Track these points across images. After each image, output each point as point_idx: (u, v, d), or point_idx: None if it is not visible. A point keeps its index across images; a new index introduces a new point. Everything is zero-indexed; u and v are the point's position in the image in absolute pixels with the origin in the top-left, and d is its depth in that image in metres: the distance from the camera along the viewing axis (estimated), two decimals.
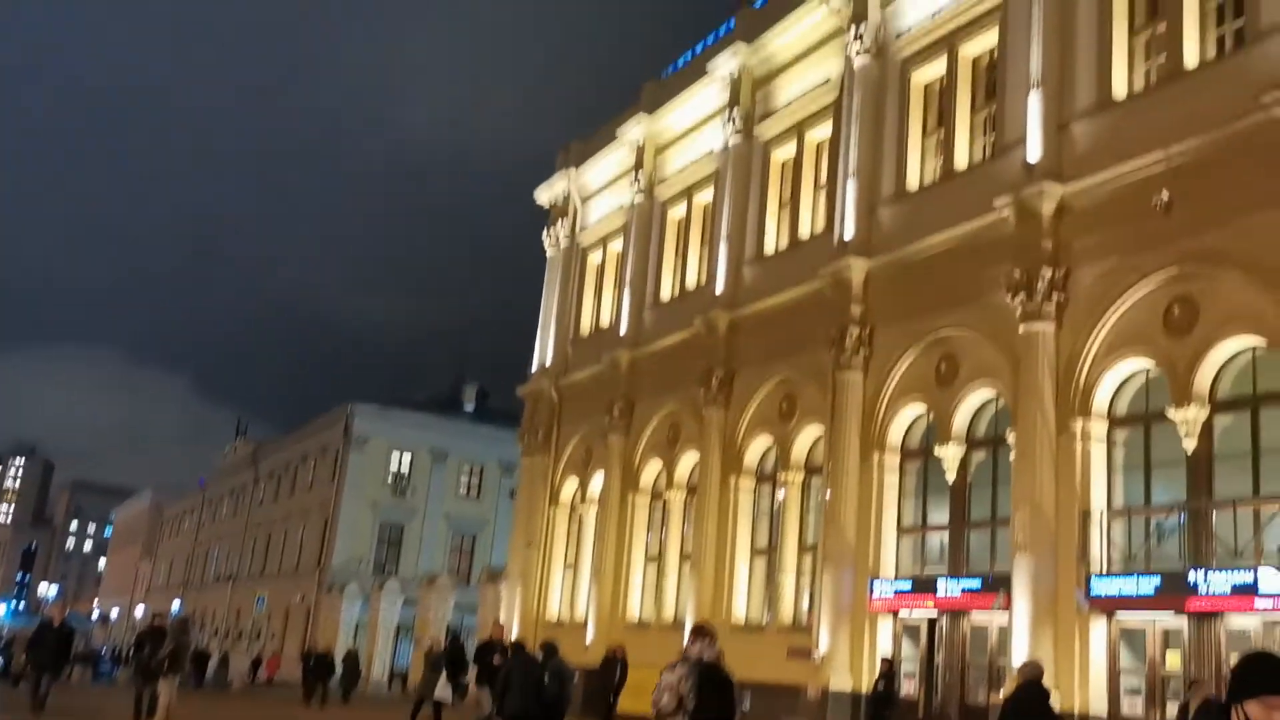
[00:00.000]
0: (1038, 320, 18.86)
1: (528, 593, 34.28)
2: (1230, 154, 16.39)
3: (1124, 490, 18.07)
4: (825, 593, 22.13)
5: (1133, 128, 18.08)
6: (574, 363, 35.21)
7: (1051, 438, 18.36)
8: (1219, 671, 15.73)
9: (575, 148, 37.20)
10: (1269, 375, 16.06)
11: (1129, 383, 18.22)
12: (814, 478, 24.58)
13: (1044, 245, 19.01)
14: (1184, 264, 17.00)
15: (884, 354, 22.54)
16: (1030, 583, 17.87)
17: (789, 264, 25.84)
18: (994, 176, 20.43)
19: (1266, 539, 15.78)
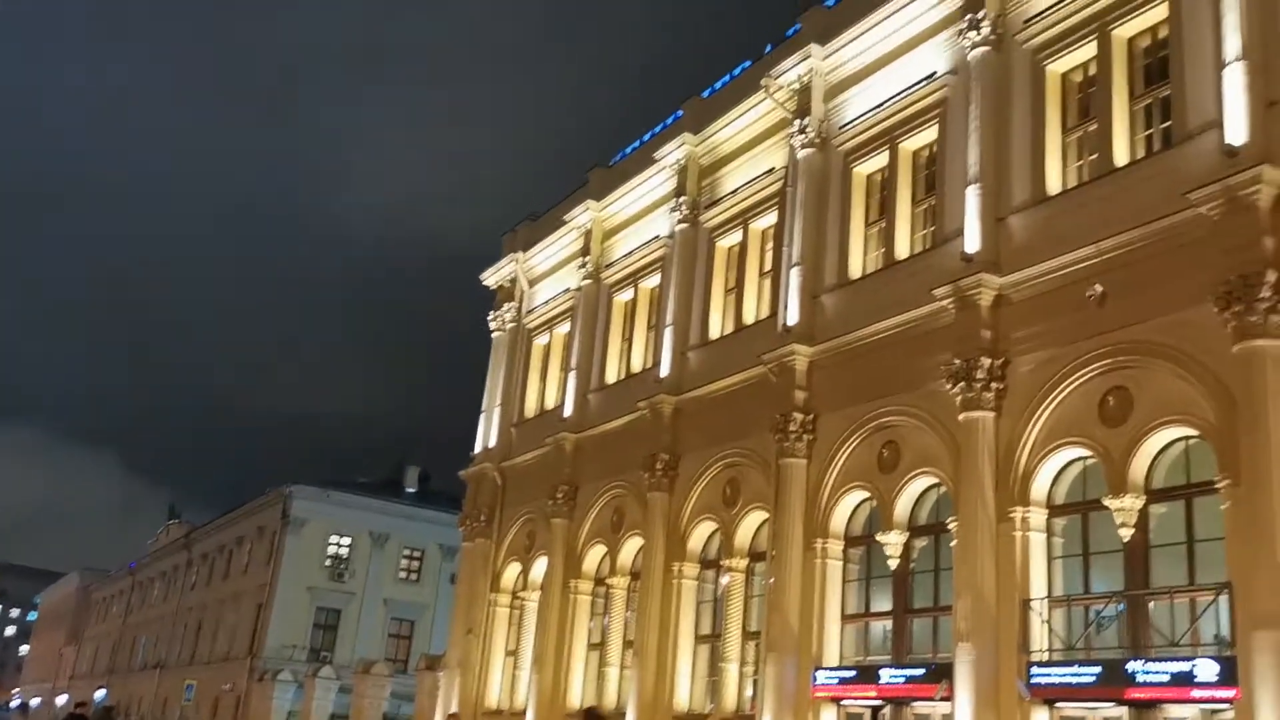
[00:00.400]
0: (977, 409, 19.13)
1: (467, 681, 33.54)
2: (1159, 249, 16.92)
3: (1064, 578, 18.20)
4: (768, 681, 21.90)
5: (1067, 222, 18.62)
6: (518, 446, 35.00)
7: (992, 525, 18.50)
8: None
9: (523, 232, 37.45)
10: (1201, 465, 16.36)
11: (1067, 471, 18.47)
12: (758, 564, 24.48)
13: (983, 335, 19.37)
14: (1118, 355, 17.39)
15: (827, 440, 22.68)
16: (972, 671, 17.84)
17: (733, 350, 26.05)
18: (934, 267, 20.86)
19: (1202, 628, 15.92)
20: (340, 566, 58.24)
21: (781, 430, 23.17)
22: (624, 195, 31.98)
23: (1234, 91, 16.25)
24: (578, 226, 33.70)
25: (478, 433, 37.12)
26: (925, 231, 22.37)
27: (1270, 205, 15.51)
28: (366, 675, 41.24)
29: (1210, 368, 15.94)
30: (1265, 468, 14.64)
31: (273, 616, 55.73)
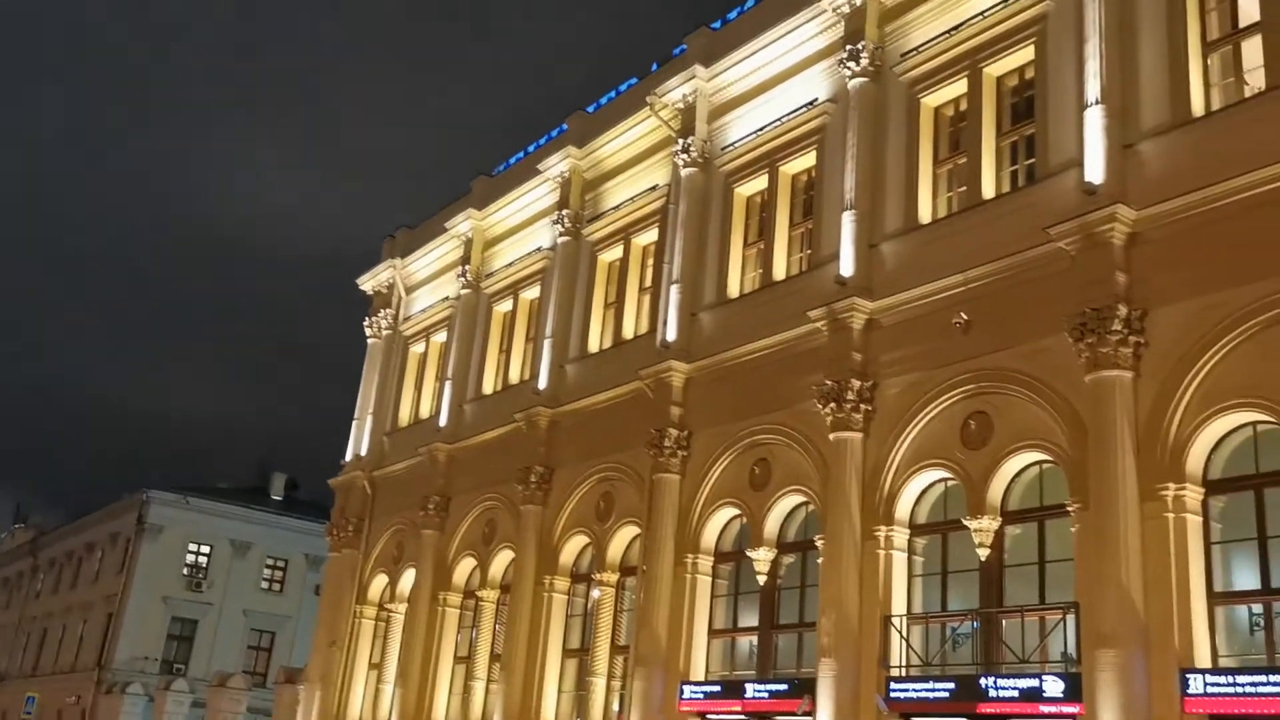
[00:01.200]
0: (846, 429, 19.58)
1: (328, 695, 32.73)
2: (1021, 280, 17.62)
3: (923, 597, 18.73)
4: (635, 695, 21.96)
5: (936, 251, 19.24)
6: (390, 455, 34.41)
7: (857, 544, 18.94)
8: None
9: (402, 238, 36.94)
10: (1053, 489, 17.06)
11: (929, 492, 19.04)
12: (629, 579, 24.55)
13: (854, 358, 19.86)
14: (980, 381, 18.02)
15: (701, 457, 22.92)
16: (834, 686, 18.21)
17: (611, 364, 26.13)
18: (809, 290, 21.31)
19: (1051, 645, 16.58)
20: (198, 575, 56.25)
21: (656, 446, 23.32)
22: (506, 205, 31.83)
23: (1093, 133, 17.06)
24: (458, 235, 33.40)
25: (349, 441, 36.38)
26: (802, 254, 22.84)
27: (1124, 243, 16.31)
28: (222, 688, 39.91)
29: (1065, 395, 16.66)
30: (1112, 493, 15.35)
31: (124, 626, 53.48)
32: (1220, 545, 15.12)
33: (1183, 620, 14.62)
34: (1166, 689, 14.40)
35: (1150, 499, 15.20)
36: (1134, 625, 14.77)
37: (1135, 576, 14.94)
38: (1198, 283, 15.42)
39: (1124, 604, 14.85)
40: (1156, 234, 16.10)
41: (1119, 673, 14.63)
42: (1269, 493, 14.70)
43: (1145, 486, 15.28)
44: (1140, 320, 15.93)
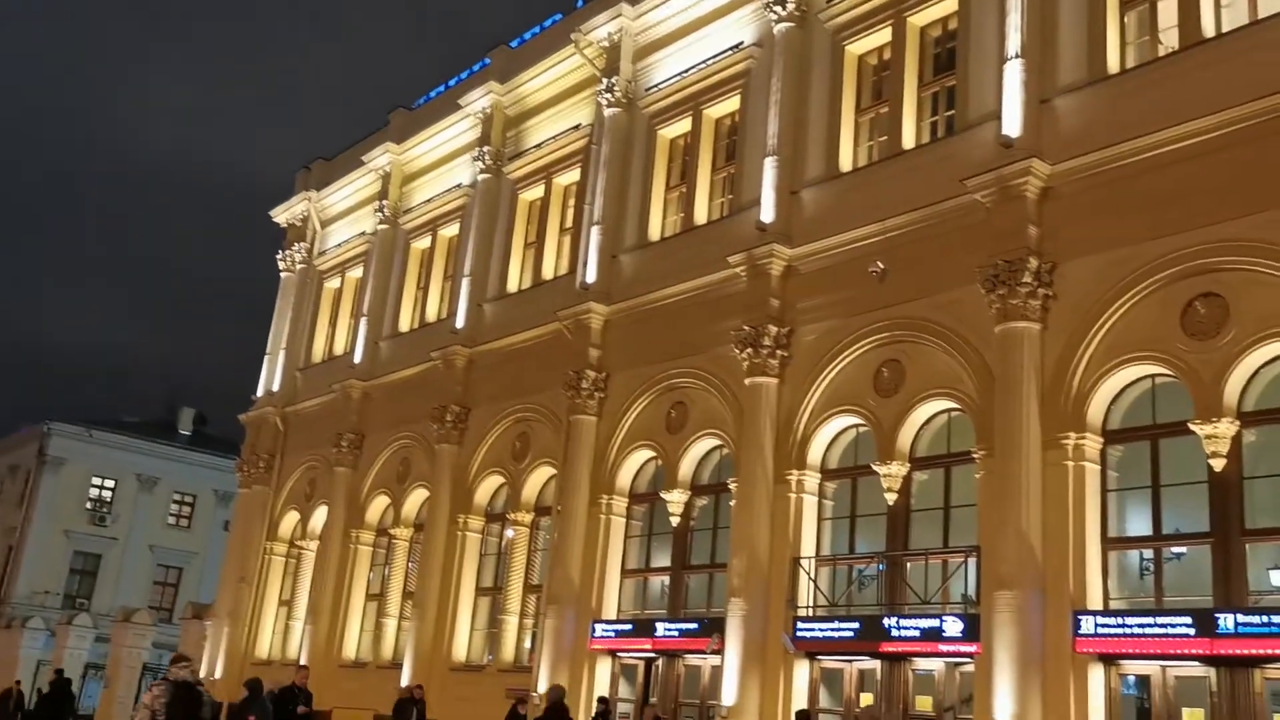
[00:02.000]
0: (762, 374, 19.78)
1: (236, 631, 32.45)
2: (937, 231, 17.87)
3: (831, 539, 19.15)
4: (547, 633, 22.16)
5: (855, 200, 19.40)
6: (303, 391, 33.92)
7: (769, 487, 19.24)
8: (906, 710, 16.91)
9: (317, 170, 36.10)
10: (961, 436, 17.49)
11: (841, 438, 19.38)
12: (544, 518, 24.66)
13: (771, 303, 20.01)
14: (894, 330, 18.31)
15: (618, 399, 23.00)
16: (742, 626, 18.58)
17: (530, 304, 25.98)
18: (730, 235, 21.37)
19: (953, 588, 17.10)
20: (102, 510, 55.09)
21: (574, 387, 23.33)
22: (425, 140, 31.26)
23: (1012, 87, 17.27)
24: (376, 169, 32.75)
25: (260, 376, 35.76)
26: (724, 199, 22.86)
27: (1037, 196, 16.62)
28: (127, 624, 39.24)
29: (975, 345, 17.02)
30: (1016, 441, 15.79)
31: (24, 560, 52.30)
32: (1116, 493, 15.68)
33: (1078, 564, 15.17)
34: (1060, 629, 14.96)
35: (1052, 447, 15.67)
36: (1032, 568, 15.28)
37: (1035, 522, 15.43)
38: (1105, 238, 15.80)
39: (1023, 548, 15.35)
40: (1069, 189, 16.43)
41: (1016, 614, 15.15)
42: (1164, 443, 15.26)
43: (1048, 435, 15.74)
44: (1050, 273, 16.29)
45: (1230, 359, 14.32)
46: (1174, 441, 15.06)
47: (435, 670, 24.86)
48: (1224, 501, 14.28)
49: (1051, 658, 14.94)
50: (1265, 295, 14.09)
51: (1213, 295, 14.66)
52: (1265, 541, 14.57)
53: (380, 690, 24.92)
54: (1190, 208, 14.89)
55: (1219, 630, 13.57)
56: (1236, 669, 13.66)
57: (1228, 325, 14.43)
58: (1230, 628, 13.51)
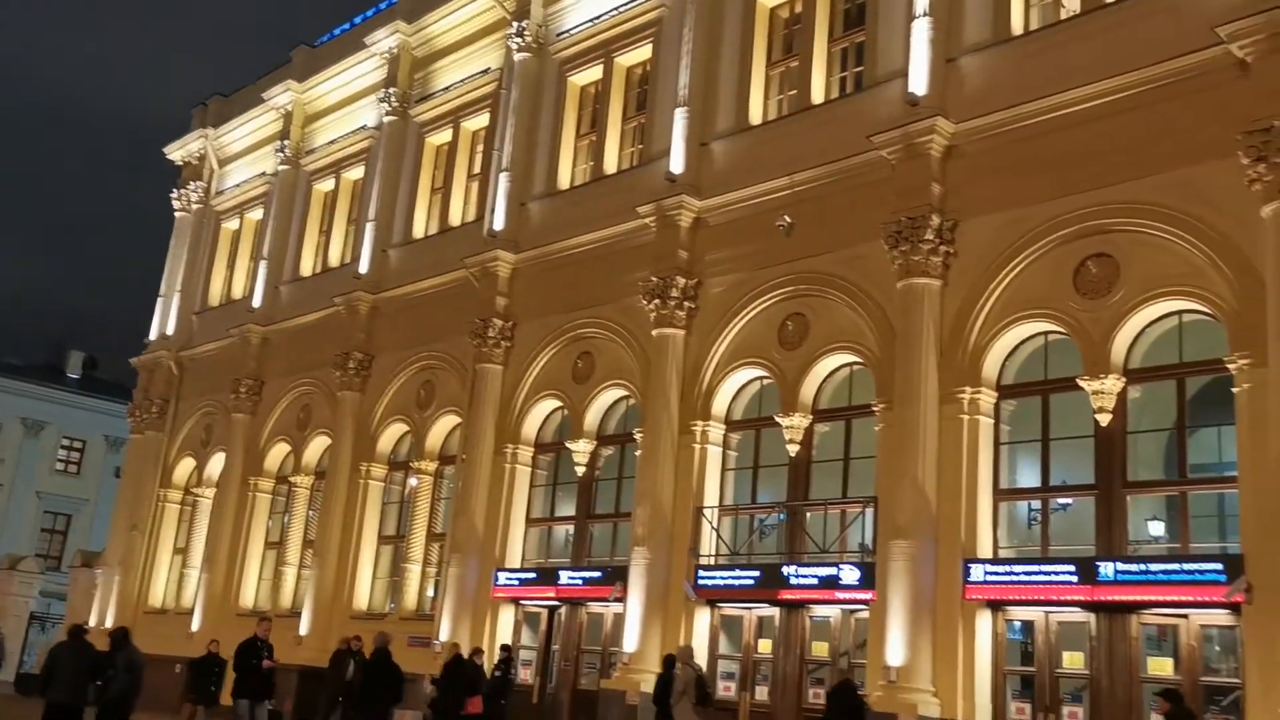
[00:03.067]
0: (669, 326, 19.87)
1: (128, 579, 31.72)
2: (844, 186, 18.07)
3: (734, 489, 19.44)
4: (450, 581, 22.14)
5: (764, 153, 19.49)
6: (199, 335, 33.04)
7: (674, 438, 19.41)
8: (803, 656, 17.35)
9: (215, 107, 34.91)
10: (862, 390, 17.84)
11: (745, 389, 19.61)
12: (448, 467, 24.53)
13: (680, 255, 20.06)
14: (799, 284, 18.52)
15: (525, 348, 22.90)
16: (645, 574, 18.80)
17: (436, 251, 25.62)
18: (639, 185, 21.31)
19: (850, 537, 17.53)
20: None
21: (480, 335, 23.16)
22: (329, 79, 30.43)
23: (919, 45, 17.45)
24: (277, 107, 31.80)
25: (154, 319, 34.70)
26: (634, 149, 22.76)
27: (941, 155, 16.89)
28: (12, 571, 38.17)
29: (878, 301, 17.33)
30: (914, 395, 16.17)
31: None
32: (1008, 446, 16.19)
33: (970, 514, 15.67)
34: (951, 577, 15.47)
35: (949, 401, 16.09)
36: (926, 518, 15.74)
37: (930, 473, 15.87)
38: (1005, 197, 16.15)
39: (918, 499, 15.78)
40: (971, 148, 16.73)
41: (910, 562, 15.61)
42: (1054, 398, 15.78)
43: (945, 390, 16.15)
44: (951, 231, 16.62)
45: (1119, 317, 14.82)
46: (1063, 397, 15.58)
47: (336, 618, 24.67)
48: (1108, 455, 14.85)
49: (942, 604, 15.45)
50: (1153, 256, 14.60)
51: (1104, 255, 15.12)
52: (1145, 494, 15.24)
53: (281, 639, 24.57)
54: (1086, 170, 15.29)
55: (1100, 578, 14.18)
56: (1115, 614, 14.31)
57: (1117, 285, 14.93)
58: (1110, 575, 14.12)
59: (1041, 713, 14.64)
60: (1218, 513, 15.15)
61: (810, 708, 17.10)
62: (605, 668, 19.88)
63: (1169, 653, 14.19)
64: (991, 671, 15.19)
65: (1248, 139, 13.42)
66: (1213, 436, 15.16)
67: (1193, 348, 14.57)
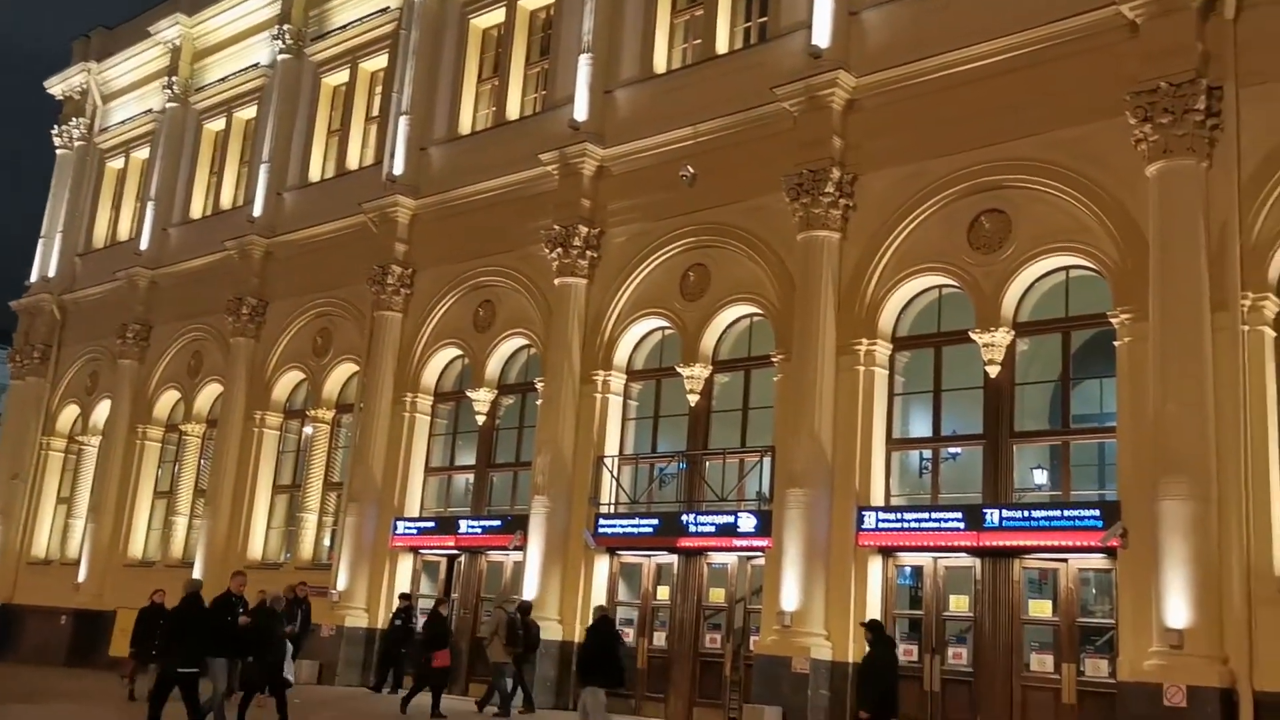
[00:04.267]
0: (572, 275, 19.78)
1: (9, 529, 30.65)
2: (747, 138, 18.11)
3: (635, 439, 19.55)
4: (347, 531, 21.92)
5: (668, 103, 19.40)
6: (83, 278, 31.80)
7: (575, 387, 19.41)
8: (700, 603, 17.63)
9: (98, 39, 33.35)
10: (761, 341, 18.04)
11: (647, 339, 19.67)
12: (345, 416, 24.16)
13: (583, 204, 19.94)
14: (701, 235, 18.57)
15: (425, 295, 22.59)
16: (545, 523, 18.86)
17: (334, 195, 25.00)
18: (542, 132, 21.05)
19: (748, 485, 17.80)
20: None
21: (379, 282, 22.77)
22: (220, 14, 29.30)
23: None
24: (164, 41, 30.56)
25: (35, 260, 33.26)
26: (537, 94, 22.44)
27: (843, 108, 17.02)
28: None
29: (778, 253, 17.48)
30: (813, 346, 16.40)
31: None
32: (902, 396, 16.58)
33: (864, 463, 16.03)
34: (845, 524, 15.83)
35: (845, 353, 16.36)
36: (822, 467, 16.05)
37: (826, 423, 16.16)
38: (903, 152, 16.37)
39: (815, 448, 16.07)
40: (871, 102, 16.89)
41: (805, 510, 15.93)
42: (947, 350, 16.17)
43: (842, 341, 16.42)
44: (851, 184, 16.81)
45: (1010, 272, 15.21)
46: (955, 349, 15.98)
47: (229, 568, 24.17)
48: (997, 406, 15.31)
49: (836, 551, 15.82)
50: (1044, 213, 14.98)
51: (998, 211, 15.48)
52: (1030, 443, 15.79)
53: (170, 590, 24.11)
54: (981, 127, 15.56)
55: (986, 524, 14.67)
56: (999, 559, 14.83)
57: (1009, 240, 15.30)
58: (996, 522, 14.61)
59: (928, 654, 15.15)
60: (1098, 461, 15.77)
61: (706, 652, 17.43)
62: None
63: (1049, 595, 14.79)
64: (881, 615, 15.60)
65: (1135, 99, 13.81)
66: (1095, 388, 15.76)
67: (1079, 302, 15.05)
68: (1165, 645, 12.46)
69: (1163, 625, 12.53)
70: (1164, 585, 12.58)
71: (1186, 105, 13.44)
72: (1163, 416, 12.99)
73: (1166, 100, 13.54)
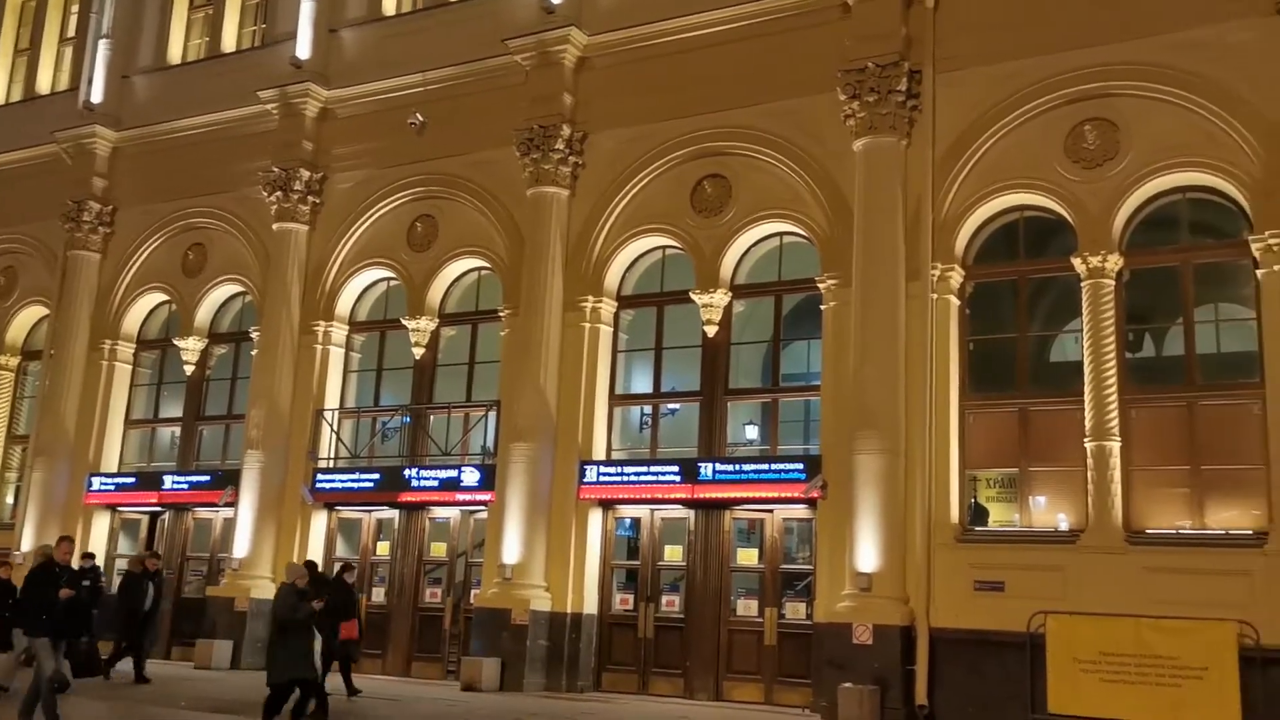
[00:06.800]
0: (292, 220, 18.96)
1: None
2: (479, 89, 17.85)
3: (357, 392, 19.05)
4: (34, 487, 20.22)
5: (398, 46, 18.82)
6: None
7: (294, 337, 18.68)
8: (420, 557, 17.51)
9: None
10: (489, 295, 17.94)
11: (371, 290, 19.15)
12: (32, 363, 22.21)
13: (304, 146, 19.11)
14: (430, 185, 18.21)
15: (127, 235, 21.03)
16: (259, 478, 18.11)
17: (21, 120, 22.74)
18: (261, 68, 19.94)
19: (473, 440, 17.74)
20: None
21: (74, 219, 21.01)
22: None
23: None
24: None
25: None
26: (256, 27, 21.21)
27: (574, 65, 17.08)
28: None
29: (507, 207, 17.39)
30: (540, 302, 16.47)
31: None
32: (625, 353, 16.96)
33: (587, 418, 16.31)
34: (567, 478, 16.07)
35: (572, 309, 16.54)
36: (546, 422, 16.20)
37: (552, 378, 16.32)
38: (632, 113, 16.60)
39: (540, 403, 16.21)
40: (603, 61, 17.03)
41: (529, 464, 16.06)
42: (668, 309, 16.66)
43: (569, 298, 16.58)
44: (581, 142, 16.93)
45: (729, 236, 15.80)
46: (677, 308, 16.50)
47: None
48: (713, 364, 15.95)
49: (558, 504, 16.06)
50: (762, 180, 15.64)
51: (719, 176, 16.02)
52: (743, 400, 16.55)
53: None
54: (705, 93, 16.01)
55: (700, 477, 15.31)
56: (712, 511, 15.53)
57: (730, 205, 15.89)
58: (709, 475, 15.27)
59: (643, 602, 15.70)
60: (804, 418, 16.77)
61: (426, 607, 17.33)
62: (214, 574, 19.03)
63: (755, 544, 15.63)
64: (600, 566, 16.05)
65: (845, 77, 14.60)
66: (804, 349, 16.71)
67: (791, 267, 15.85)
68: (856, 588, 13.46)
69: (854, 570, 13.51)
70: (857, 533, 13.56)
71: (890, 86, 14.35)
72: (860, 376, 13.94)
73: (873, 80, 14.41)
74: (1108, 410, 12.88)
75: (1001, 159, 14.02)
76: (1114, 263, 13.24)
